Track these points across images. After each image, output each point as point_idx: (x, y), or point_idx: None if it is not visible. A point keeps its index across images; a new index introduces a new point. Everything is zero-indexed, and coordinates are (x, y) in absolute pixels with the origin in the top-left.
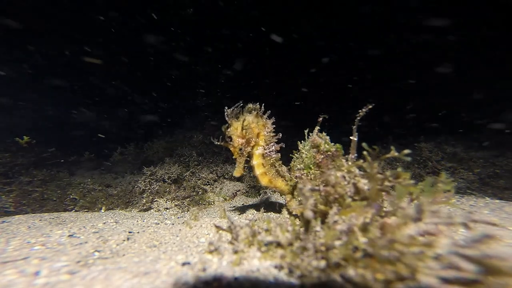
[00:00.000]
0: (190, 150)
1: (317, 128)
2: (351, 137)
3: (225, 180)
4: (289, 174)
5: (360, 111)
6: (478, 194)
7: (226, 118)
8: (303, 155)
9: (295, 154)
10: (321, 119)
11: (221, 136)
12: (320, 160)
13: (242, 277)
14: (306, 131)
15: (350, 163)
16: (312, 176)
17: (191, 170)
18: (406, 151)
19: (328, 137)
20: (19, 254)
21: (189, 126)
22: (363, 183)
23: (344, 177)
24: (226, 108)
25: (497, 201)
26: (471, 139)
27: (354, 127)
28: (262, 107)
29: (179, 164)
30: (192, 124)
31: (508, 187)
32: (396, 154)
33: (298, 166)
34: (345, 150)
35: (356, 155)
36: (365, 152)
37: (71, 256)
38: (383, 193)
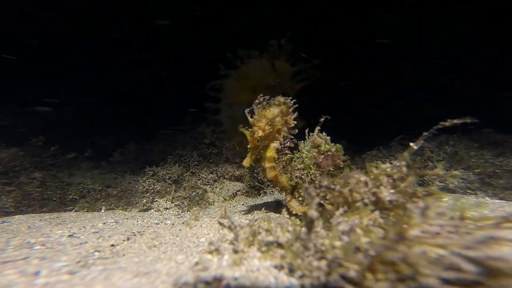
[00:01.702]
0: (191, 150)
1: (318, 128)
2: (411, 143)
3: (225, 180)
4: (290, 173)
5: (449, 120)
6: (478, 194)
7: (254, 106)
8: (303, 155)
9: (295, 154)
10: (323, 119)
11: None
12: (320, 160)
13: (242, 277)
14: (306, 131)
15: (389, 170)
16: (312, 176)
17: (191, 170)
18: (456, 172)
19: (328, 137)
20: (19, 254)
21: (189, 123)
22: (386, 195)
23: (366, 183)
24: (261, 95)
25: (498, 201)
26: (471, 139)
27: (425, 134)
28: (292, 103)
29: (179, 164)
30: (193, 121)
31: (509, 187)
32: (441, 172)
33: (298, 166)
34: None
35: (404, 163)
36: (403, 163)
37: (71, 256)
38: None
